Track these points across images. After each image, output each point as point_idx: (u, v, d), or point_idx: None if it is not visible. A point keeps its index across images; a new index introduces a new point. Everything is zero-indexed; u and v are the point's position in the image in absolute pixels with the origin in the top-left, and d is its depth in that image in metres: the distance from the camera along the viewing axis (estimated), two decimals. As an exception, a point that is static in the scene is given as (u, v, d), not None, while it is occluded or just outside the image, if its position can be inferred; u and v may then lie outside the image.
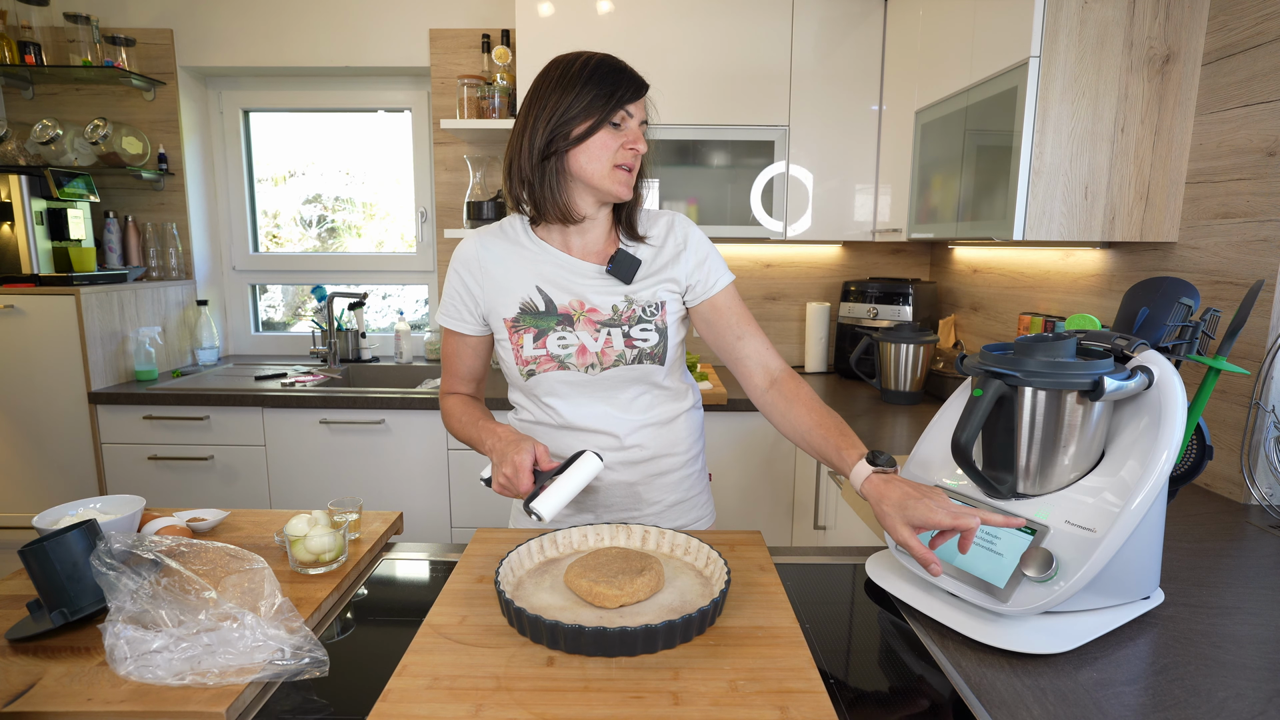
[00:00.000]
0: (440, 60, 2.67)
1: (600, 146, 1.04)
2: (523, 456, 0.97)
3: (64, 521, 0.96)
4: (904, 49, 2.20)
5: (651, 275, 1.13)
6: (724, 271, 1.16)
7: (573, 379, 1.11)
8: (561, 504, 0.96)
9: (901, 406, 2.17)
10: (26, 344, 2.27)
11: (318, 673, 0.73)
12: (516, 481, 0.97)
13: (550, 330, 1.11)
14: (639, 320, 1.11)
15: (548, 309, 1.11)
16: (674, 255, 1.13)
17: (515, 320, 1.11)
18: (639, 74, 1.08)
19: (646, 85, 1.08)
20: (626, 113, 1.05)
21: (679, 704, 0.67)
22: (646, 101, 1.10)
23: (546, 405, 1.15)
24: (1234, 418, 1.33)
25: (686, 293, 1.15)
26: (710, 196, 2.50)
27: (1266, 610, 0.91)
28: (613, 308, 1.11)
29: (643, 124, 1.08)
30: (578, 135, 1.03)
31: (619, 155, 1.05)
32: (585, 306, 1.11)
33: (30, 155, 2.56)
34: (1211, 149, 1.42)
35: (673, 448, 1.19)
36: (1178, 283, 0.91)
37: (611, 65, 1.06)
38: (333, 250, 3.05)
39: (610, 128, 1.04)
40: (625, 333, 1.11)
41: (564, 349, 1.10)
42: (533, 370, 1.11)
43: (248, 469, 2.33)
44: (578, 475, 0.98)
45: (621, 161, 1.05)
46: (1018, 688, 0.73)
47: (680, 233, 1.15)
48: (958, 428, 0.82)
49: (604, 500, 1.18)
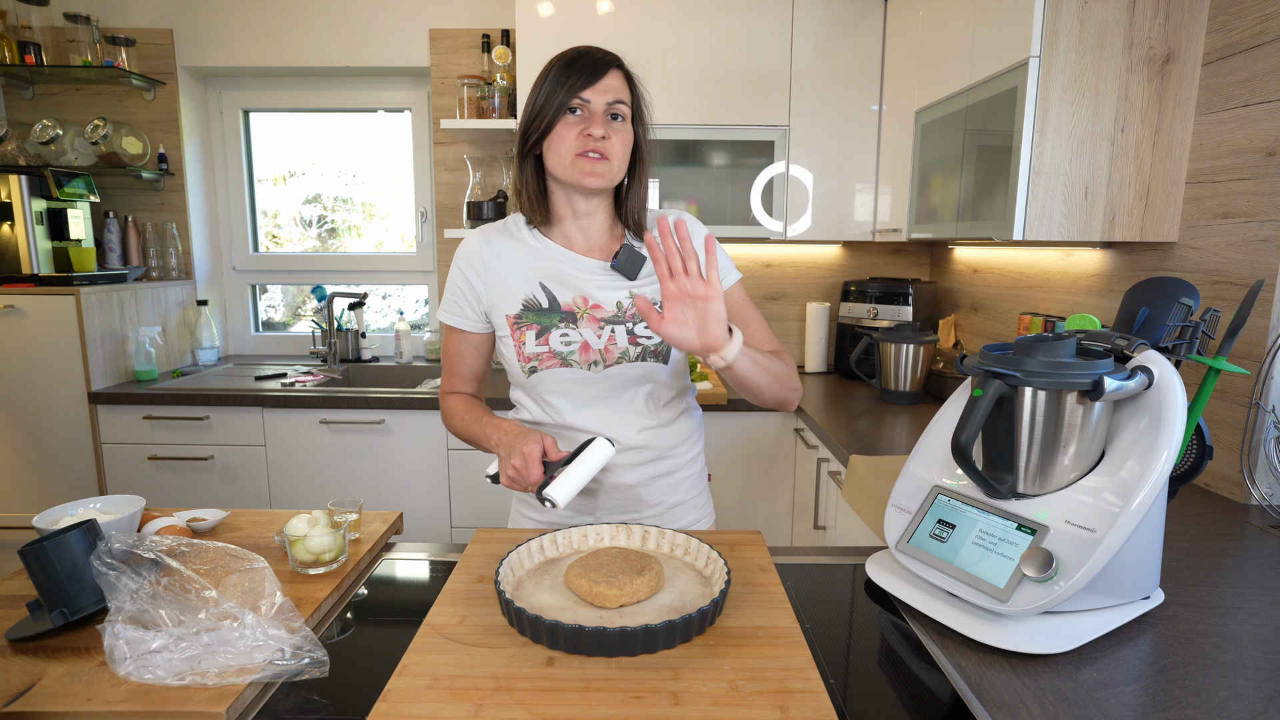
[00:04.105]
0: (440, 60, 2.67)
1: (558, 139, 1.04)
2: (531, 447, 0.97)
3: (64, 521, 0.96)
4: (904, 49, 2.20)
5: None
6: (730, 270, 1.15)
7: (575, 376, 1.11)
8: (575, 490, 0.95)
9: (901, 406, 2.17)
10: (26, 344, 2.27)
11: (318, 673, 0.73)
12: (526, 472, 0.96)
13: (553, 327, 1.10)
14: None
15: (551, 306, 1.11)
16: None
17: (518, 317, 1.11)
18: (604, 54, 1.05)
19: (608, 64, 1.04)
20: (582, 99, 1.03)
21: (679, 704, 0.67)
22: (628, 77, 1.07)
23: (548, 404, 1.14)
24: (1234, 418, 1.33)
25: None
26: (710, 196, 2.50)
27: (1266, 610, 0.91)
28: (617, 304, 1.11)
29: (615, 104, 1.04)
30: (542, 130, 1.04)
31: (579, 143, 1.03)
32: (589, 303, 1.10)
33: (30, 155, 2.56)
34: (1211, 149, 1.42)
35: (674, 449, 1.18)
36: (1178, 283, 0.91)
37: (570, 55, 1.05)
38: (333, 250, 3.05)
39: (568, 116, 1.03)
40: (629, 330, 1.10)
41: (567, 346, 1.10)
42: (535, 367, 1.11)
43: (248, 469, 2.33)
44: (591, 460, 0.97)
45: (582, 149, 1.03)
46: (1018, 688, 0.73)
47: (684, 232, 1.14)
48: (958, 428, 0.82)
49: (603, 502, 1.17)
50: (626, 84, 1.07)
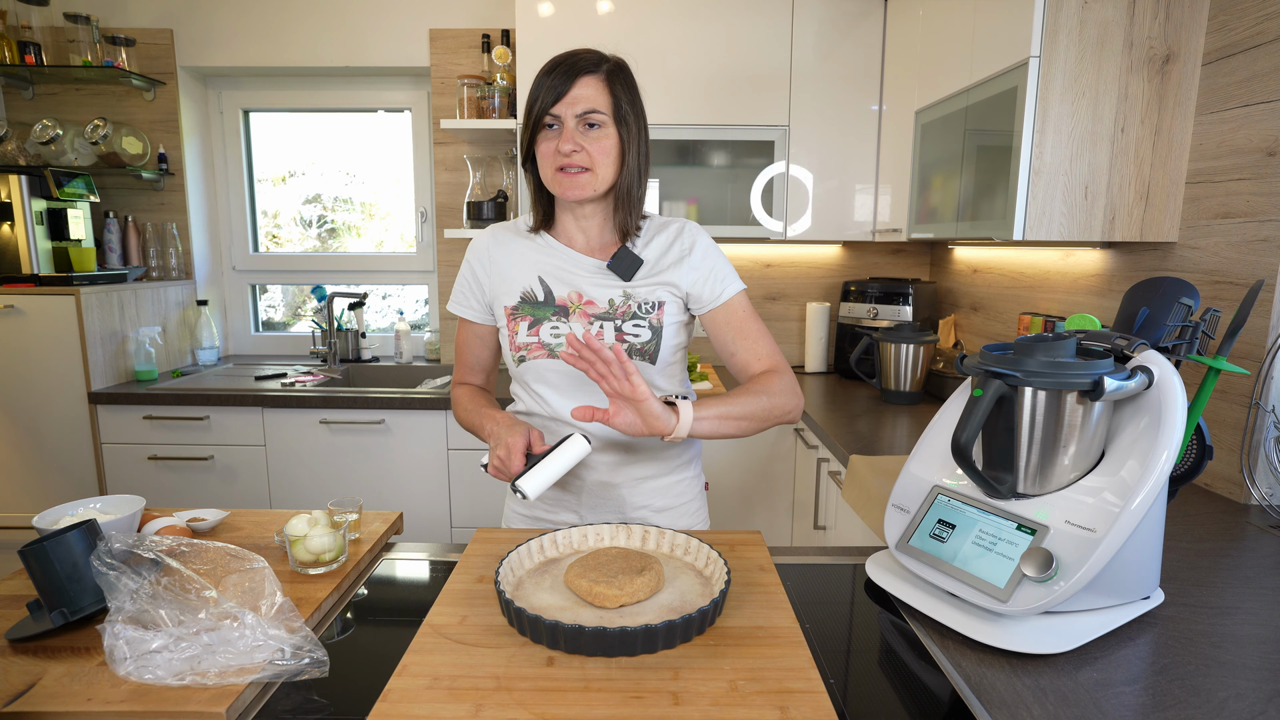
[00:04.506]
0: (440, 60, 2.67)
1: (540, 154, 1.08)
2: (515, 439, 1.00)
3: (64, 521, 0.96)
4: (904, 49, 2.20)
5: (652, 276, 1.13)
6: (733, 282, 1.15)
7: (561, 368, 1.12)
8: (546, 484, 0.98)
9: (901, 406, 2.17)
10: (26, 344, 2.27)
11: (318, 673, 0.73)
12: (509, 463, 0.99)
13: (545, 320, 1.13)
14: (633, 316, 1.12)
15: (546, 299, 1.13)
16: (677, 260, 1.13)
17: (515, 308, 1.14)
18: (577, 61, 1.04)
19: (579, 72, 1.03)
20: (553, 115, 1.04)
21: (679, 704, 0.67)
22: (610, 78, 1.05)
23: (537, 394, 1.16)
24: (1234, 418, 1.33)
25: (690, 300, 1.15)
26: (710, 196, 2.50)
27: (1266, 610, 0.91)
28: (609, 301, 1.12)
29: (588, 113, 1.03)
30: (528, 144, 1.09)
31: (555, 158, 1.05)
32: (583, 299, 1.13)
33: (30, 155, 2.56)
34: (1211, 149, 1.42)
35: (661, 452, 1.18)
36: (1178, 283, 0.91)
37: (546, 67, 1.05)
38: (333, 250, 3.05)
39: (546, 130, 1.06)
40: (617, 326, 1.12)
41: (555, 338, 1.12)
42: (524, 356, 1.13)
43: (248, 469, 2.33)
44: (564, 456, 1.00)
45: (559, 164, 1.05)
46: (1018, 688, 0.73)
47: (687, 240, 1.14)
48: (958, 428, 0.82)
49: (587, 501, 1.18)
50: (605, 87, 1.05)
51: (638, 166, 1.10)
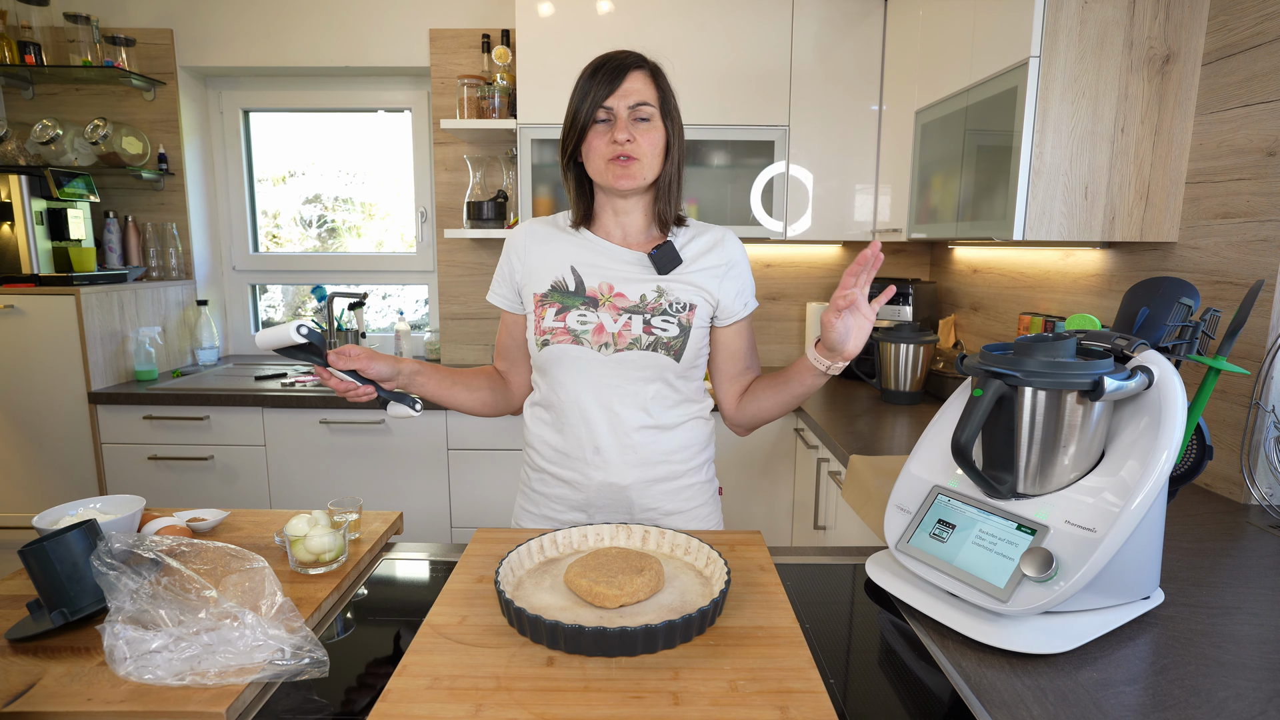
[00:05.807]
0: (440, 60, 2.67)
1: (591, 147, 1.10)
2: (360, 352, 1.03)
3: (64, 521, 0.96)
4: (904, 49, 2.20)
5: (687, 277, 1.14)
6: (750, 301, 1.20)
7: (584, 355, 1.12)
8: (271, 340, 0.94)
9: (901, 406, 2.17)
10: (26, 344, 2.27)
11: (318, 673, 0.73)
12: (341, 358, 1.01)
13: (574, 308, 1.14)
14: (663, 312, 1.13)
15: (577, 289, 1.15)
16: (718, 271, 1.16)
17: (545, 295, 1.16)
18: (625, 58, 1.09)
19: (628, 67, 1.09)
20: (606, 108, 1.08)
21: (679, 704, 0.67)
22: (654, 74, 1.11)
23: (556, 380, 1.15)
24: (1234, 418, 1.33)
25: (719, 310, 1.17)
26: (710, 196, 2.50)
27: (1266, 610, 0.91)
28: (640, 296, 1.13)
29: (639, 105, 1.08)
30: (576, 140, 1.11)
31: (609, 149, 1.08)
32: (613, 291, 1.14)
33: (30, 155, 2.56)
34: (1211, 149, 1.42)
35: (671, 455, 1.18)
36: (1178, 283, 0.91)
37: (593, 65, 1.10)
38: (333, 250, 3.05)
39: (597, 125, 1.09)
40: (646, 320, 1.12)
41: (582, 325, 1.13)
42: (547, 340, 1.13)
43: (248, 469, 2.33)
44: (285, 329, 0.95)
45: (612, 154, 1.08)
46: (1018, 688, 0.73)
47: (729, 252, 1.18)
48: (958, 428, 0.82)
49: (595, 500, 1.17)
50: (652, 82, 1.10)
51: (679, 160, 1.15)
